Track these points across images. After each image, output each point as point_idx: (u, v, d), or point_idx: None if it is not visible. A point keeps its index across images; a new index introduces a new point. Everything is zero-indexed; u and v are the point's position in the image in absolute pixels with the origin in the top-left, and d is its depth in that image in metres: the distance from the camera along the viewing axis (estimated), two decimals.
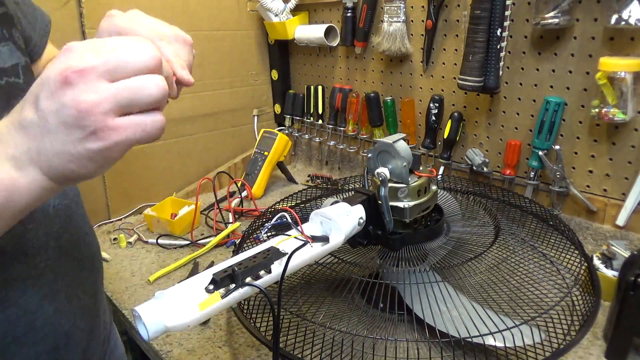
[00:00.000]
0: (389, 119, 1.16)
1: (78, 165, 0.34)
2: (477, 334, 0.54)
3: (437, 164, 1.10)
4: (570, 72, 0.87)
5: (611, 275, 0.69)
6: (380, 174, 0.63)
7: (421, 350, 0.59)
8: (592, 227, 0.88)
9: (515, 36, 0.92)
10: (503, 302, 0.61)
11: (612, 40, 0.80)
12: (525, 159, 0.96)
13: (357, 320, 0.64)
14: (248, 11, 1.34)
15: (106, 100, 0.33)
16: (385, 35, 1.09)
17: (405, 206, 0.65)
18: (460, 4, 0.99)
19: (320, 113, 1.34)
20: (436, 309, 0.59)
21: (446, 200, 0.81)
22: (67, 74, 0.32)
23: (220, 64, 1.31)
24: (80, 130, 0.33)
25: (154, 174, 1.20)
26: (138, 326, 0.40)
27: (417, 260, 0.66)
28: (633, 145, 0.82)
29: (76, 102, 0.32)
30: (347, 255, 0.69)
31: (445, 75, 1.07)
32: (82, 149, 0.33)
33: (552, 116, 0.88)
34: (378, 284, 0.63)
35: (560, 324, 0.58)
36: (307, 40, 1.29)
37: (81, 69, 0.32)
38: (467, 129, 1.06)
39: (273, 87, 1.46)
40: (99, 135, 0.33)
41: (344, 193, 0.90)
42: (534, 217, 0.84)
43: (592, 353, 0.60)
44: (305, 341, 0.58)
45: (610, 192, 0.87)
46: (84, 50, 0.33)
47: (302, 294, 0.68)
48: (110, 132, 0.33)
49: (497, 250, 0.68)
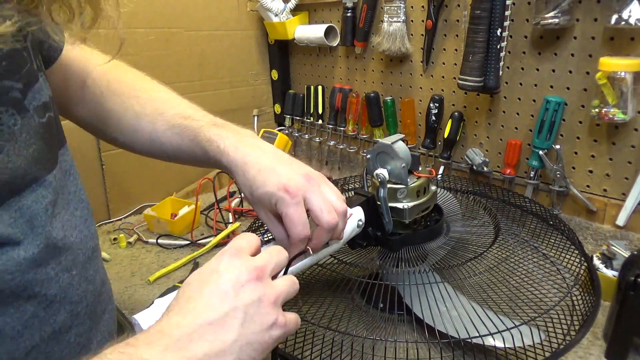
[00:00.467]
0: (389, 119, 1.16)
1: (259, 354, 0.38)
2: (476, 335, 0.54)
3: (437, 163, 1.10)
4: (570, 72, 0.87)
5: (611, 275, 0.69)
6: (379, 175, 0.63)
7: (421, 351, 0.59)
8: (592, 227, 0.88)
9: (515, 36, 0.92)
10: (503, 302, 0.61)
11: (612, 40, 0.80)
12: (525, 159, 0.96)
13: (357, 321, 0.64)
14: (248, 11, 1.34)
15: (281, 294, 0.40)
16: (385, 35, 1.09)
17: (404, 207, 0.65)
18: (460, 4, 0.99)
19: (320, 113, 1.34)
20: (436, 309, 0.59)
21: (446, 200, 0.81)
22: (259, 272, 0.39)
23: (220, 64, 1.31)
24: (270, 319, 0.38)
25: (154, 174, 1.20)
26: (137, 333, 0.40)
27: (416, 261, 0.66)
28: (633, 145, 0.82)
29: (268, 295, 0.39)
30: (347, 256, 0.69)
31: (445, 75, 1.06)
32: (268, 337, 0.38)
33: (552, 116, 0.88)
34: (378, 284, 0.63)
35: (560, 324, 0.58)
36: (307, 40, 1.29)
37: (263, 267, 0.40)
38: (467, 128, 1.06)
39: (273, 87, 1.46)
40: (280, 324, 0.39)
41: (344, 193, 0.90)
42: (534, 216, 0.84)
43: (592, 353, 0.60)
44: (305, 342, 0.58)
45: (610, 192, 0.87)
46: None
47: (302, 295, 0.68)
48: (287, 322, 0.40)
49: (497, 250, 0.68)
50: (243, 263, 0.39)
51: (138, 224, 1.07)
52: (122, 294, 0.82)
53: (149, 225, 1.06)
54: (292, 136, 1.41)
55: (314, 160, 1.42)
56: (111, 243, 1.00)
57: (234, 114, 1.37)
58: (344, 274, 0.66)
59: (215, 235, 0.97)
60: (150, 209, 1.06)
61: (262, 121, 1.45)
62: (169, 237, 1.01)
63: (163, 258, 0.94)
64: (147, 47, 1.14)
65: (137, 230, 1.04)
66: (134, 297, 0.81)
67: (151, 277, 0.85)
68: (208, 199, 1.21)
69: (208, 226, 1.07)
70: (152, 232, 1.05)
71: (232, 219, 1.07)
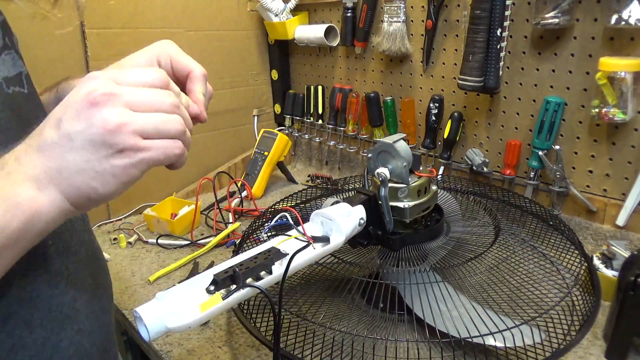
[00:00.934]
0: (389, 119, 1.16)
1: (101, 183, 0.35)
2: (477, 334, 0.54)
3: (437, 164, 1.10)
4: (570, 72, 0.87)
5: (611, 275, 0.69)
6: (381, 174, 0.63)
7: (421, 351, 0.59)
8: (592, 227, 0.88)
9: (515, 36, 0.92)
10: (503, 302, 0.61)
11: (612, 40, 0.80)
12: (525, 159, 0.96)
13: (357, 320, 0.64)
14: (248, 11, 1.34)
15: (134, 122, 0.36)
16: (385, 35, 1.09)
17: (405, 206, 0.65)
18: (460, 4, 0.99)
19: (320, 113, 1.34)
20: (436, 309, 0.59)
21: (446, 200, 0.81)
22: (95, 96, 0.35)
23: (220, 64, 1.31)
24: (107, 147, 0.35)
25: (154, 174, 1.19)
26: (139, 327, 0.40)
27: (417, 261, 0.66)
28: (633, 145, 0.82)
29: (105, 121, 0.34)
30: (347, 255, 0.69)
31: (445, 75, 1.07)
32: (107, 166, 0.35)
33: (552, 116, 0.88)
34: (378, 284, 0.63)
35: (560, 324, 0.58)
36: (307, 40, 1.29)
37: (108, 93, 0.35)
38: (467, 129, 1.06)
39: (273, 87, 1.46)
40: (126, 152, 0.35)
41: (344, 193, 0.90)
42: (534, 217, 0.84)
43: (592, 353, 0.61)
44: (306, 341, 0.58)
45: (610, 192, 0.87)
46: (107, 78, 0.36)
47: (302, 294, 0.68)
48: (136, 150, 0.36)
49: (497, 251, 0.68)
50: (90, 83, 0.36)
51: (138, 224, 1.07)
52: (122, 294, 0.82)
53: (149, 225, 1.06)
54: (292, 136, 1.41)
55: (314, 160, 1.42)
56: (111, 243, 1.00)
57: (234, 114, 1.37)
58: (344, 273, 0.66)
59: (215, 235, 0.97)
60: (150, 209, 1.06)
61: (262, 121, 1.45)
62: (169, 237, 1.01)
63: (163, 258, 0.94)
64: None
65: (137, 230, 1.04)
66: (134, 297, 0.81)
67: (151, 277, 0.85)
68: (208, 199, 1.21)
69: (208, 226, 1.07)
70: (152, 232, 1.05)
71: (232, 219, 1.07)
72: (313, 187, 1.03)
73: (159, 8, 1.15)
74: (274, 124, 1.48)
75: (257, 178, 1.21)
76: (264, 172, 1.22)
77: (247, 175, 1.24)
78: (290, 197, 0.94)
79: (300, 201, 0.94)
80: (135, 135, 0.36)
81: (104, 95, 0.35)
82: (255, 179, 1.21)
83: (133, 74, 0.38)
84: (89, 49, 1.06)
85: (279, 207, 0.91)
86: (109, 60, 0.54)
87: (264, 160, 1.22)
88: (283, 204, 0.92)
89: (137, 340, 0.85)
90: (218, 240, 0.95)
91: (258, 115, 1.43)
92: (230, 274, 0.43)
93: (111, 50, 1.08)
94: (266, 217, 0.88)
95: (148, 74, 0.38)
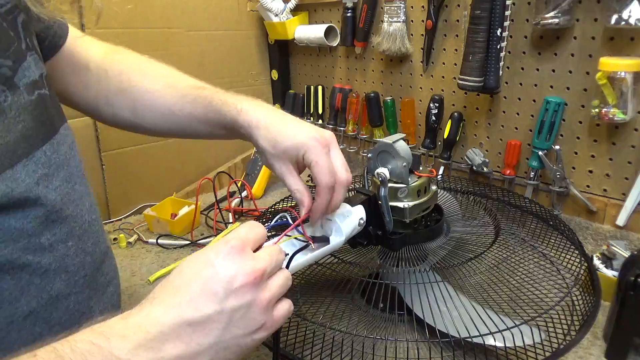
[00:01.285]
0: (389, 119, 1.16)
1: (236, 356, 0.37)
2: (477, 334, 0.54)
3: (437, 164, 1.10)
4: (570, 72, 0.87)
5: (611, 275, 0.69)
6: (380, 174, 0.63)
7: (421, 350, 0.59)
8: (592, 227, 0.88)
9: (515, 36, 0.92)
10: (503, 302, 0.61)
11: (612, 40, 0.80)
12: (525, 159, 0.96)
13: (357, 320, 0.64)
14: (248, 11, 1.34)
15: (274, 297, 0.39)
16: (385, 35, 1.09)
17: (405, 206, 0.65)
18: (460, 4, 0.99)
19: (320, 113, 1.34)
20: (436, 309, 0.59)
21: (446, 200, 0.81)
22: (257, 276, 0.37)
23: (220, 64, 1.31)
24: (256, 324, 0.37)
25: (154, 174, 1.20)
26: None
27: (417, 260, 0.66)
28: (633, 145, 0.82)
29: (260, 300, 0.37)
30: (347, 255, 0.69)
31: (445, 75, 1.07)
32: (250, 341, 0.37)
33: (552, 116, 0.88)
34: (378, 284, 0.63)
35: (560, 324, 0.58)
36: (307, 40, 1.29)
37: (262, 270, 0.38)
38: (467, 129, 1.06)
39: (273, 87, 1.46)
40: (267, 327, 0.38)
41: None
42: (534, 217, 0.84)
43: (592, 353, 0.60)
44: (306, 341, 0.58)
45: (610, 192, 0.87)
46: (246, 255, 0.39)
47: (302, 294, 0.68)
48: (274, 323, 0.39)
49: (497, 250, 0.68)
50: (242, 262, 0.38)
51: (138, 224, 1.07)
52: (122, 294, 0.81)
53: (149, 225, 1.06)
54: None
55: None
56: (111, 243, 1.00)
57: None
58: (344, 273, 0.66)
59: (215, 235, 0.97)
60: (150, 209, 1.06)
61: None
62: (169, 237, 1.01)
63: (163, 258, 0.93)
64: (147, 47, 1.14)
65: (137, 230, 1.04)
66: (134, 297, 0.81)
67: (151, 277, 0.85)
68: (208, 199, 1.21)
69: (208, 226, 1.07)
70: (152, 232, 1.05)
71: (232, 219, 1.07)
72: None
73: (159, 8, 1.15)
74: None
75: (257, 178, 1.21)
76: (264, 172, 1.22)
77: (247, 175, 1.24)
78: (290, 197, 0.94)
79: None
80: (272, 308, 0.39)
81: (260, 275, 0.38)
82: (255, 179, 1.21)
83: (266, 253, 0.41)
84: None
85: (279, 207, 0.91)
86: None
87: None
88: (283, 204, 0.92)
89: None
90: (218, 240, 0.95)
91: None
92: None
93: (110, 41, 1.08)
94: (266, 217, 0.88)
95: (259, 232, 0.42)
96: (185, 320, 0.35)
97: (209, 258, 0.38)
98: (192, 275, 0.37)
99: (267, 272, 0.39)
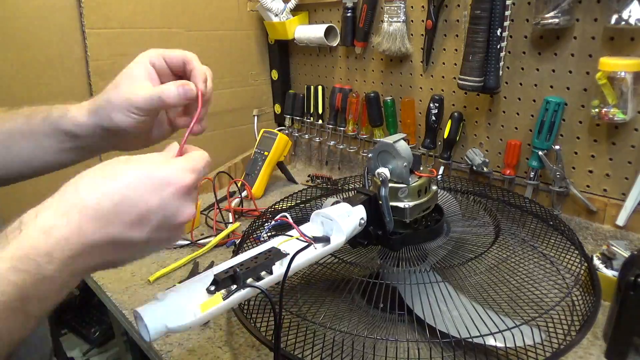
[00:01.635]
0: (389, 119, 1.16)
1: (141, 256, 0.41)
2: (477, 334, 0.54)
3: (437, 164, 1.10)
4: (570, 72, 0.87)
5: (611, 275, 0.69)
6: (381, 174, 0.63)
7: (421, 351, 0.59)
8: (592, 227, 0.88)
9: (515, 36, 0.92)
10: (503, 302, 0.61)
11: (612, 40, 0.80)
12: (525, 159, 0.96)
13: (357, 320, 0.64)
14: (248, 11, 1.34)
15: (192, 214, 0.42)
16: (385, 35, 1.09)
17: (405, 206, 0.65)
18: (460, 4, 0.99)
19: (320, 113, 1.34)
20: (436, 309, 0.59)
21: (446, 200, 0.81)
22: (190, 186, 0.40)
23: (220, 64, 1.31)
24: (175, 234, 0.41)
25: None
26: (139, 327, 0.40)
27: (417, 261, 0.66)
28: (633, 145, 0.82)
29: (187, 214, 0.41)
30: (348, 255, 0.69)
31: (445, 75, 1.07)
32: (163, 247, 0.42)
33: (552, 116, 0.88)
34: (378, 284, 0.63)
35: (560, 324, 0.58)
36: (307, 40, 1.29)
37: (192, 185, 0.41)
38: (467, 129, 1.06)
39: (273, 87, 1.46)
40: (177, 237, 0.42)
41: (344, 193, 0.90)
42: (534, 217, 0.84)
43: (592, 353, 0.61)
44: (306, 341, 0.58)
45: (610, 192, 0.87)
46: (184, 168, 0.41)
47: (302, 294, 0.68)
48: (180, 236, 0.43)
49: (497, 251, 0.68)
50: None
51: None
52: (122, 294, 0.82)
53: None
54: (292, 136, 1.41)
55: (314, 160, 1.42)
56: None
57: (234, 114, 1.37)
58: (344, 273, 0.66)
59: (215, 235, 0.97)
60: None
61: (262, 121, 1.45)
62: None
63: (163, 258, 0.93)
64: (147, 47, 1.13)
65: None
66: (134, 297, 0.81)
67: (151, 277, 0.85)
68: (208, 199, 1.21)
69: (208, 226, 1.07)
70: None
71: (232, 219, 1.07)
72: (313, 187, 1.03)
73: (159, 8, 1.15)
74: (274, 124, 1.48)
75: (257, 178, 1.21)
76: (264, 172, 1.22)
77: (247, 175, 1.24)
78: (290, 197, 0.94)
79: (300, 201, 0.94)
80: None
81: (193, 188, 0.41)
82: (255, 179, 1.21)
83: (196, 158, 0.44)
84: (88, 49, 1.05)
85: (278, 207, 0.91)
86: (109, 60, 0.54)
87: (264, 160, 1.22)
88: (283, 204, 0.92)
89: (137, 341, 0.85)
90: (218, 240, 0.95)
91: (258, 115, 1.43)
92: (231, 274, 0.43)
93: (111, 50, 1.08)
94: (266, 217, 0.88)
95: None
96: (112, 240, 0.37)
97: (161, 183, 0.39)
98: (136, 201, 0.38)
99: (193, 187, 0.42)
